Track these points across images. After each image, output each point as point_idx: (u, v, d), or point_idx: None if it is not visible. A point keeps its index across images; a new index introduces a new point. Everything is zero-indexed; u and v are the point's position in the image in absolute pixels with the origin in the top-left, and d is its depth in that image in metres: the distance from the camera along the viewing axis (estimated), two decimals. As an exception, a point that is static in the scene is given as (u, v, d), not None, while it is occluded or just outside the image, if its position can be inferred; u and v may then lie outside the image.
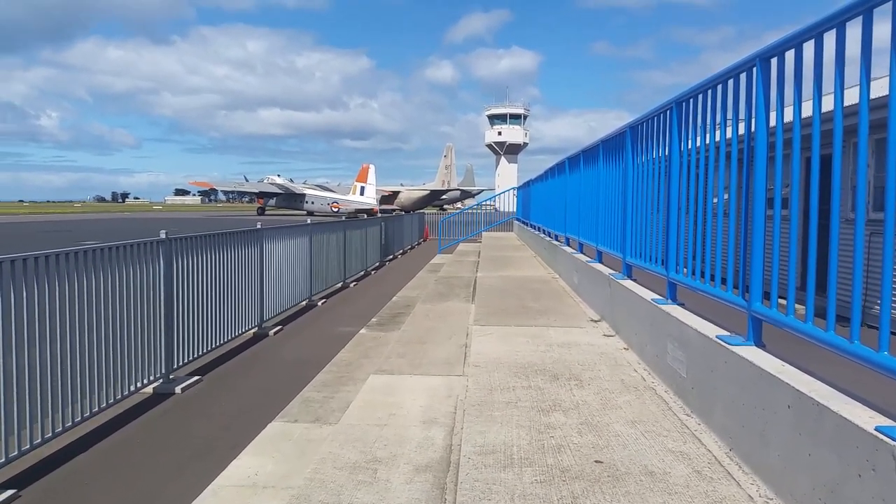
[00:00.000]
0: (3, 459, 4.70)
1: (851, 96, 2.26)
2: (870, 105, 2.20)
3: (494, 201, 32.39)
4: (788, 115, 2.75)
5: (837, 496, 2.14)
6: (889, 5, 2.03)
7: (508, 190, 27.31)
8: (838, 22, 2.30)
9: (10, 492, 4.63)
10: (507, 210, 27.50)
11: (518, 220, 22.55)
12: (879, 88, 2.21)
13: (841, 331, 2.38)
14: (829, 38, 2.38)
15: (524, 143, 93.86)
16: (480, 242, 20.05)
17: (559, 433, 3.33)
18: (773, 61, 2.92)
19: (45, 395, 5.17)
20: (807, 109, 2.58)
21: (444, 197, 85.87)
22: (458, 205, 78.37)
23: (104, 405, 6.00)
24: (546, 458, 3.00)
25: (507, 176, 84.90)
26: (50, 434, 5.21)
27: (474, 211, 33.63)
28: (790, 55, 2.75)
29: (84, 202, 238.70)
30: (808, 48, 2.54)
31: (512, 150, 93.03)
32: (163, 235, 7.16)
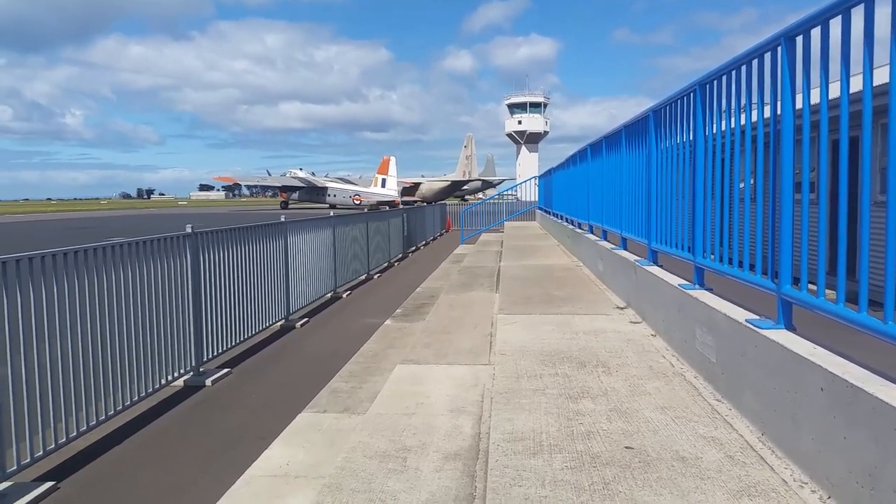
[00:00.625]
0: (41, 452, 4.81)
1: (881, 76, 2.22)
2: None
3: (516, 191, 32.27)
4: (815, 97, 2.71)
5: (875, 479, 2.11)
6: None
7: (530, 179, 27.19)
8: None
9: (49, 483, 4.74)
10: (528, 199, 27.39)
11: (540, 209, 22.47)
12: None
13: (873, 314, 2.35)
14: (858, 14, 2.33)
15: (544, 131, 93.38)
16: (503, 232, 20.01)
17: (588, 420, 3.33)
18: (799, 40, 2.87)
19: (79, 388, 5.27)
20: (834, 90, 2.54)
21: (465, 187, 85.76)
22: (480, 195, 78.25)
23: (136, 398, 6.10)
24: (576, 445, 3.00)
25: (528, 165, 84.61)
26: (85, 427, 5.31)
27: (496, 201, 33.56)
28: (816, 33, 2.70)
29: (110, 199, 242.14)
30: (835, 25, 2.49)
31: (532, 139, 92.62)
32: (188, 230, 7.24)
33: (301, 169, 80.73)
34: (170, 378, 6.78)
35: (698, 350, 4.00)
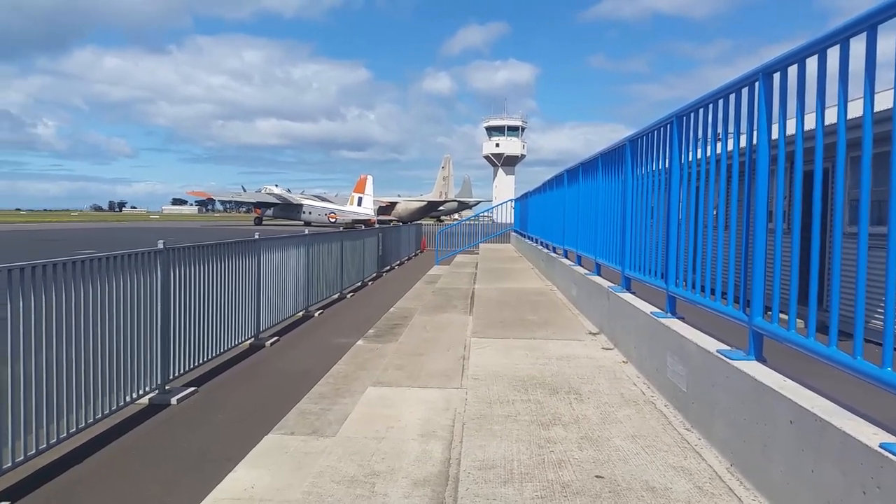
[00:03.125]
0: (-4, 471, 4.65)
1: (854, 110, 2.26)
2: (874, 119, 2.20)
3: (492, 213, 32.41)
4: (790, 129, 2.75)
5: (842, 514, 2.12)
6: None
7: (506, 202, 27.33)
8: (842, 38, 2.31)
9: (4, 503, 4.58)
10: (504, 222, 27.51)
11: (516, 231, 22.56)
12: (883, 101, 2.21)
13: (843, 346, 2.37)
14: (833, 54, 2.38)
15: (522, 154, 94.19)
16: (478, 254, 20.04)
17: (559, 448, 3.31)
18: (776, 76, 2.92)
19: (40, 406, 5.12)
20: (809, 123, 2.58)
21: (441, 208, 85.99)
22: (456, 216, 78.46)
23: (100, 416, 5.95)
24: (547, 473, 2.98)
25: (505, 187, 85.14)
26: (45, 445, 5.16)
27: (472, 222, 33.65)
28: (793, 70, 2.75)
29: (81, 211, 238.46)
30: (812, 63, 2.54)
31: (509, 162, 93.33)
32: (160, 246, 7.13)
33: (276, 185, 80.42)
34: (134, 395, 6.62)
35: (669, 378, 4.01)
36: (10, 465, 4.79)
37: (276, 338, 10.75)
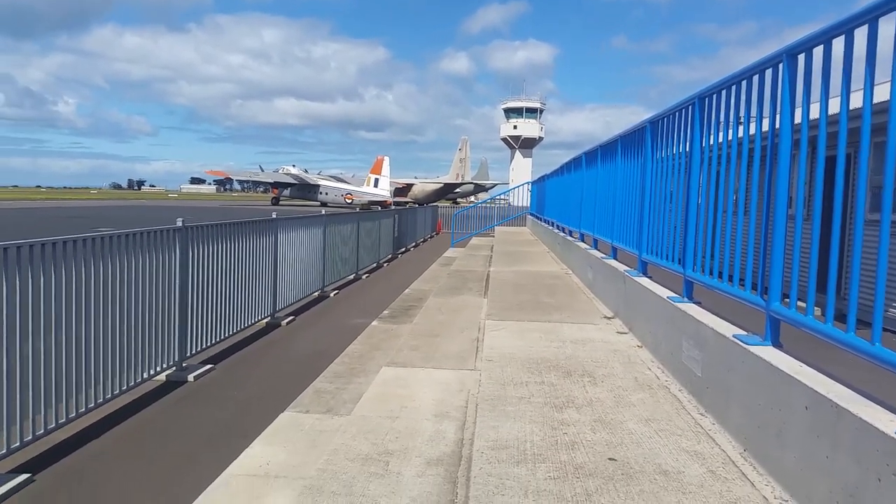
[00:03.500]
0: (17, 443, 4.74)
1: (881, 93, 2.21)
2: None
3: (508, 196, 32.33)
4: (814, 113, 2.71)
5: (857, 500, 2.11)
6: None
7: (523, 184, 27.24)
8: (870, 17, 2.25)
9: (24, 476, 4.67)
10: (520, 205, 27.43)
11: (532, 214, 22.49)
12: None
13: (861, 333, 2.34)
14: (860, 35, 2.33)
15: (539, 137, 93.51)
16: (493, 237, 20.01)
17: (573, 430, 3.31)
18: (801, 57, 2.87)
19: (60, 381, 5.20)
20: (833, 107, 2.54)
21: (457, 190, 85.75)
22: (472, 198, 78.27)
23: (118, 392, 6.03)
24: (559, 455, 2.99)
25: (522, 170, 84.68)
26: (64, 419, 5.25)
27: (488, 205, 33.56)
28: (818, 51, 2.70)
29: (101, 189, 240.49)
30: (838, 44, 2.49)
31: (527, 145, 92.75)
32: (179, 223, 7.18)
33: (294, 166, 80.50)
34: (152, 372, 6.71)
35: (684, 363, 3.99)
36: (31, 438, 4.88)
37: (292, 317, 10.82)
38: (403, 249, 23.91)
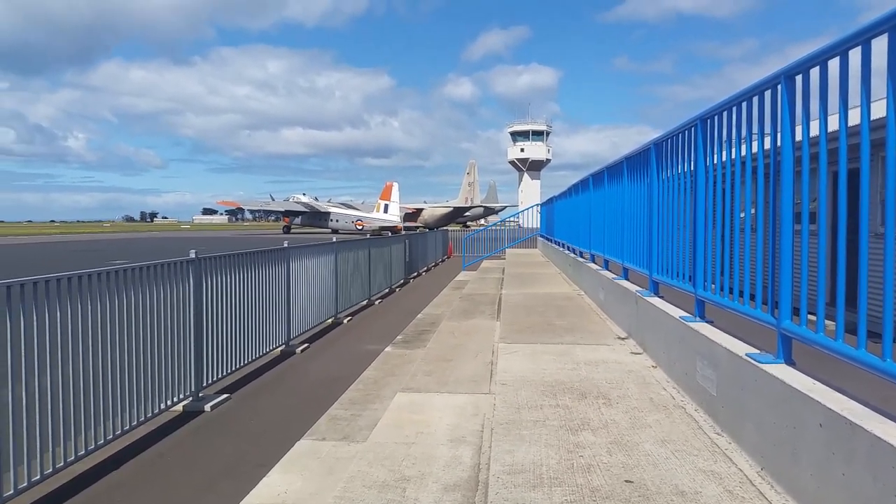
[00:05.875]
0: (38, 476, 4.78)
1: (878, 110, 2.25)
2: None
3: (518, 218, 32.41)
4: (814, 130, 2.75)
5: (873, 517, 2.11)
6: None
7: (532, 206, 27.30)
8: (863, 39, 2.30)
9: (45, 509, 4.71)
10: (530, 226, 27.49)
11: (542, 236, 22.52)
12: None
13: (872, 347, 2.36)
14: (855, 55, 2.38)
15: (547, 159, 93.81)
16: (504, 259, 20.03)
17: (588, 452, 3.32)
18: (798, 78, 2.92)
19: (78, 413, 5.26)
20: (833, 124, 2.58)
21: (467, 214, 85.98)
22: (482, 221, 78.40)
23: (135, 423, 6.08)
24: (576, 478, 2.99)
25: (531, 192, 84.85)
26: (83, 451, 5.29)
27: (498, 228, 33.62)
28: (815, 72, 2.75)
29: (113, 222, 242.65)
30: (833, 65, 2.54)
31: (535, 167, 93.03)
32: (192, 255, 7.27)
33: (304, 194, 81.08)
34: (169, 403, 6.75)
35: (699, 383, 3.99)
36: (51, 471, 4.92)
37: (306, 344, 10.86)
38: (415, 274, 23.96)
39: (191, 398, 7.21)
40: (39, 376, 4.87)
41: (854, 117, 2.42)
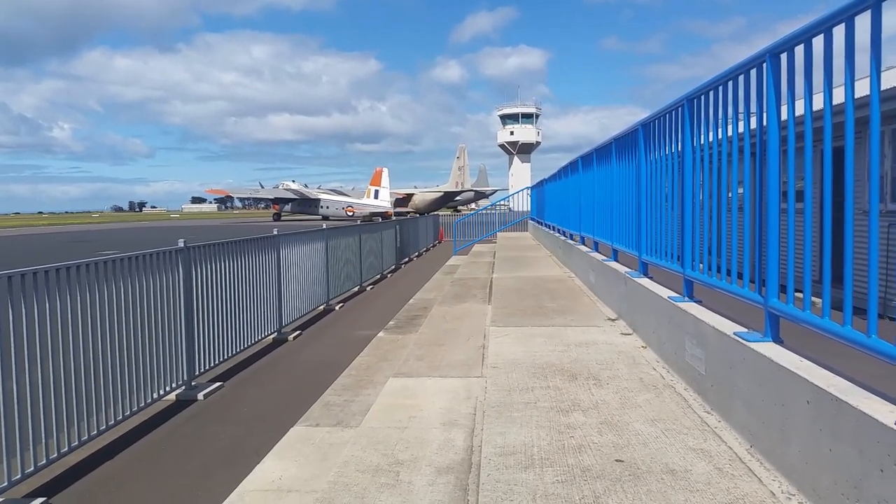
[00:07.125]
0: (32, 468, 4.79)
1: (862, 88, 2.25)
2: (881, 96, 2.20)
3: (508, 201, 32.37)
4: (800, 109, 2.75)
5: (860, 491, 2.14)
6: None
7: (522, 190, 27.28)
8: (847, 16, 2.30)
9: (39, 500, 4.72)
10: (521, 210, 27.48)
11: (532, 219, 22.53)
12: (892, 78, 2.21)
13: (858, 324, 2.38)
14: (839, 32, 2.38)
15: (537, 141, 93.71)
16: (495, 243, 20.05)
17: (579, 433, 3.34)
18: (783, 56, 2.92)
19: (70, 405, 5.25)
20: (818, 102, 2.58)
21: (458, 198, 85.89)
22: (473, 206, 78.37)
23: (129, 413, 6.08)
24: (567, 458, 3.02)
25: (521, 175, 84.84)
26: (77, 442, 5.30)
27: (488, 211, 33.58)
28: (800, 50, 2.75)
29: (102, 212, 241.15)
30: (818, 42, 2.53)
31: (525, 150, 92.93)
32: (181, 244, 7.24)
33: (293, 181, 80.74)
34: (162, 392, 6.76)
35: (688, 362, 4.02)
36: (45, 463, 4.92)
37: (298, 332, 10.87)
38: (407, 259, 23.96)
39: (183, 387, 7.21)
40: (31, 370, 4.85)
41: (839, 95, 2.43)
